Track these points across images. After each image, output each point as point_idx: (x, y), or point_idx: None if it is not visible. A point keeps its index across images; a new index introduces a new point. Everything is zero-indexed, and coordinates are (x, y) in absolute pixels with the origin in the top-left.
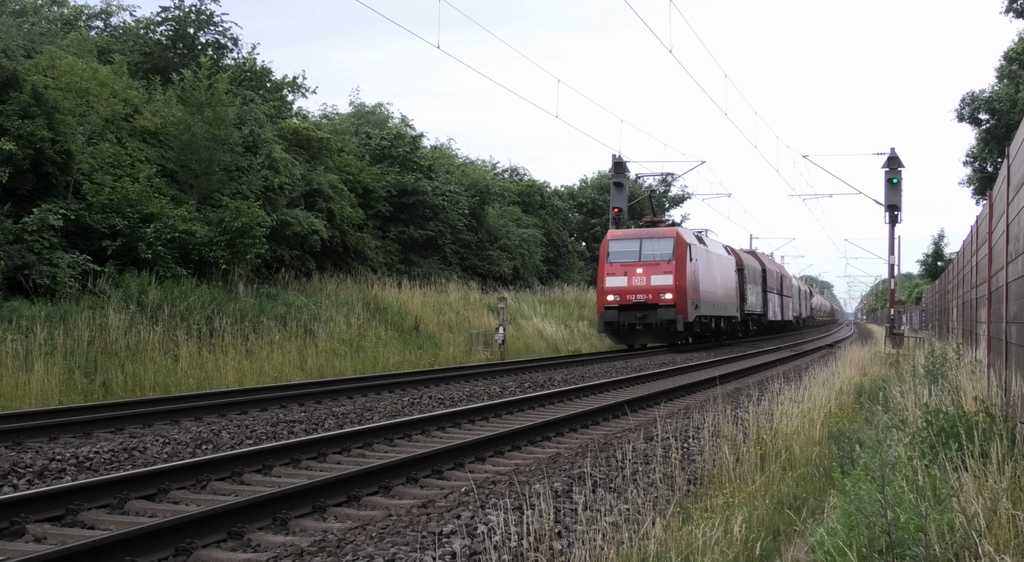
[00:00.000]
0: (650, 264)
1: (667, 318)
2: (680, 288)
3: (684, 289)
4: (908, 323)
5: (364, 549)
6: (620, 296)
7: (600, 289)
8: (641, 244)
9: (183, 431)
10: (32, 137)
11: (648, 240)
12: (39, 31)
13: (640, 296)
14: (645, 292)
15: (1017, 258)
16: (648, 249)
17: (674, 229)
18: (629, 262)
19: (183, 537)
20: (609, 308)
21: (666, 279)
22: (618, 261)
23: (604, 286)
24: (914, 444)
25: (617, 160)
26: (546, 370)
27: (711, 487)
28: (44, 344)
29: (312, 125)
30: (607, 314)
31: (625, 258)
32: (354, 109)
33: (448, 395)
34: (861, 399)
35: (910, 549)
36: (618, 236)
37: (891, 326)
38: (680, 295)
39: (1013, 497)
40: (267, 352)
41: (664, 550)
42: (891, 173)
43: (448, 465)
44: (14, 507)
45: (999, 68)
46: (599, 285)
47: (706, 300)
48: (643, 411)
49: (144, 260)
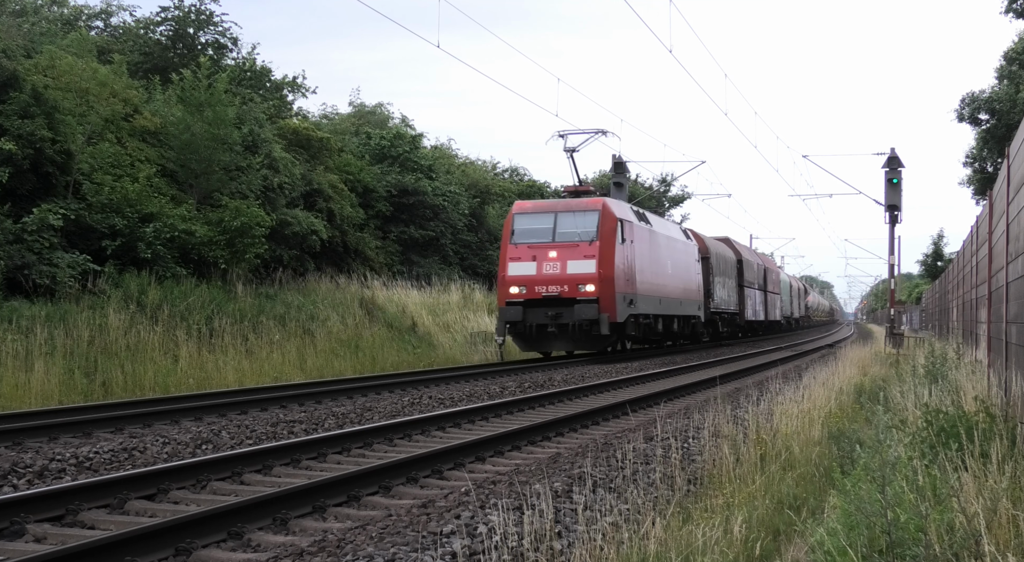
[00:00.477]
0: (567, 246)
1: (587, 317)
2: (606, 277)
3: (612, 279)
4: (908, 323)
5: (364, 549)
6: (527, 288)
7: (501, 279)
8: (556, 219)
9: (183, 431)
10: (32, 137)
11: (566, 214)
12: (39, 31)
13: (553, 288)
14: (559, 282)
15: (1017, 258)
16: (565, 225)
17: (600, 199)
18: (540, 243)
19: (183, 537)
20: (512, 304)
21: (586, 265)
22: (526, 241)
23: (506, 275)
24: (914, 444)
25: (617, 160)
26: (546, 370)
27: (711, 487)
28: (44, 344)
29: (312, 125)
30: (508, 312)
31: (535, 237)
32: (354, 109)
33: (448, 395)
34: (861, 399)
35: (910, 549)
36: (527, 209)
37: (891, 326)
38: (606, 287)
39: (1013, 497)
40: (267, 352)
41: (664, 550)
42: (891, 173)
43: (448, 465)
44: (14, 507)
45: (999, 68)
46: (500, 273)
47: (648, 294)
48: (643, 411)
49: (144, 260)
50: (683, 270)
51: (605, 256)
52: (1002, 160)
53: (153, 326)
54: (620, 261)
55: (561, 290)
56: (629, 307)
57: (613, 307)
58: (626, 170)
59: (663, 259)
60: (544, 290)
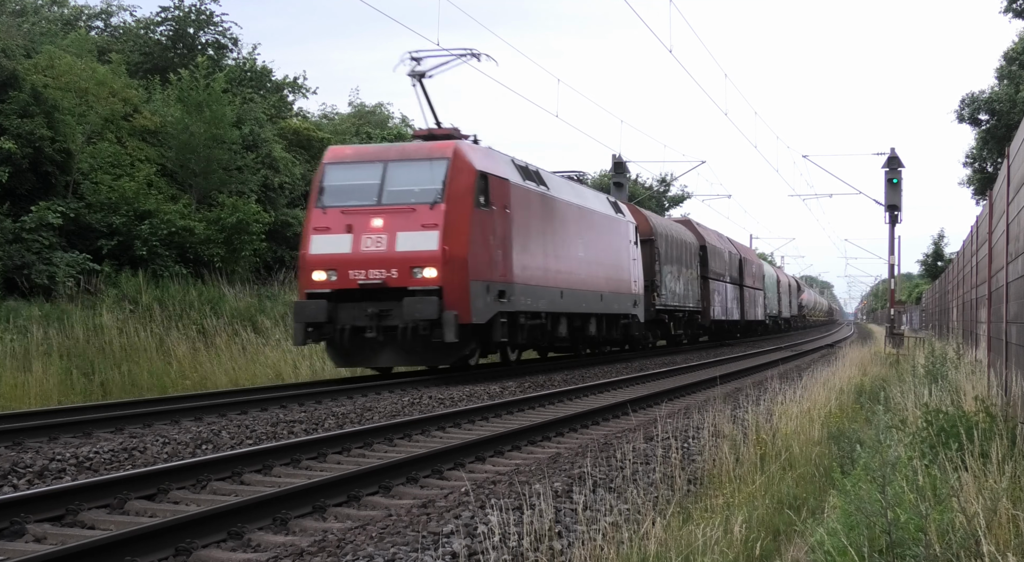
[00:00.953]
0: (399, 211)
1: (422, 316)
2: (455, 258)
3: (464, 260)
4: (908, 323)
5: (364, 549)
6: (337, 273)
7: (301, 259)
8: (386, 173)
9: (183, 431)
10: (31, 136)
11: (400, 166)
12: (39, 31)
13: (375, 273)
14: (385, 265)
15: (1017, 258)
16: (398, 181)
17: (452, 144)
18: (360, 207)
19: (183, 537)
20: (314, 296)
21: (425, 240)
22: (338, 204)
23: (307, 253)
24: (914, 444)
25: (617, 160)
26: (546, 370)
27: (711, 487)
28: (41, 344)
29: (312, 125)
30: (308, 309)
31: (353, 198)
32: (354, 109)
33: (448, 395)
34: (861, 399)
35: (910, 549)
36: (344, 156)
37: (891, 326)
38: (454, 271)
39: (1013, 497)
40: (266, 352)
41: (664, 550)
42: (891, 173)
43: (448, 465)
44: (14, 507)
45: (999, 68)
46: (301, 251)
47: (537, 284)
48: (643, 411)
49: (140, 258)
50: (608, 253)
51: (455, 226)
52: (1002, 160)
53: (149, 325)
54: (482, 234)
55: (387, 277)
56: (499, 302)
57: (466, 302)
58: (626, 170)
59: (569, 236)
60: (362, 276)
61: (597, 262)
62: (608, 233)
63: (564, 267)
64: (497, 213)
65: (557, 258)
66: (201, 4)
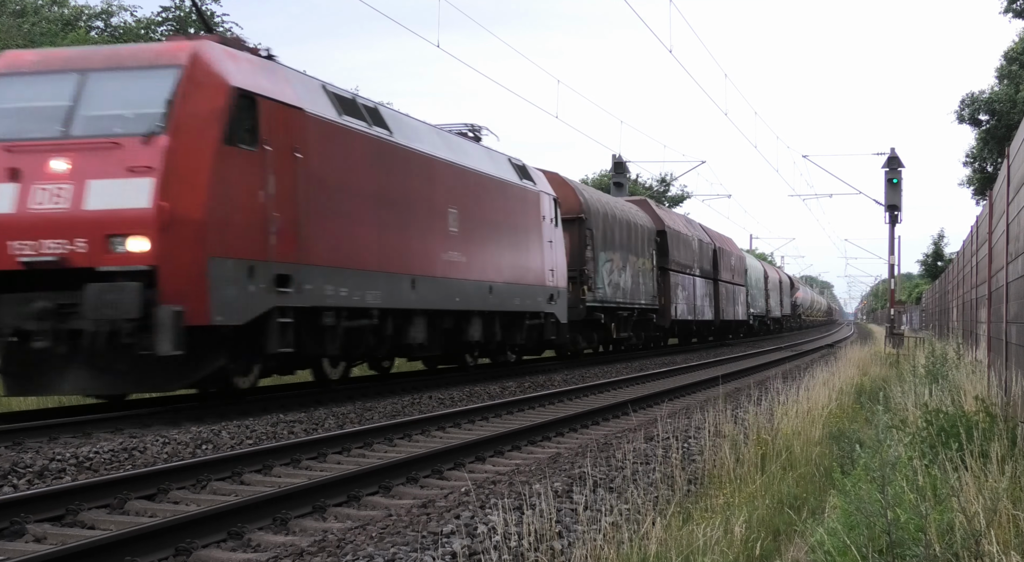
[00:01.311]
0: (94, 146)
1: (117, 312)
2: (183, 220)
3: (199, 223)
4: (908, 323)
5: (364, 549)
6: None
7: None
8: (83, 87)
9: (183, 431)
10: None
11: (105, 77)
12: (39, 31)
13: (50, 245)
14: (66, 230)
15: (1017, 258)
16: (98, 101)
17: (189, 44)
18: (32, 141)
19: (183, 537)
20: None
21: (131, 190)
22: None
23: None
24: (914, 444)
25: (617, 160)
26: (546, 371)
27: (711, 487)
28: None
29: None
30: None
31: (24, 128)
32: None
33: (448, 395)
34: (861, 399)
35: (910, 549)
36: (22, 65)
37: (891, 326)
38: (181, 242)
39: (1013, 497)
40: None
41: (664, 550)
42: (891, 173)
43: (448, 465)
44: (14, 507)
45: (999, 68)
46: None
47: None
48: (643, 411)
49: None
50: (504, 231)
51: (184, 171)
52: (1002, 160)
53: None
54: (240, 187)
55: (71, 250)
56: (275, 292)
57: (202, 290)
58: (626, 170)
59: (433, 204)
60: (30, 251)
61: (484, 241)
62: (506, 204)
63: (419, 246)
64: (274, 157)
65: (405, 232)
66: (202, 4)
